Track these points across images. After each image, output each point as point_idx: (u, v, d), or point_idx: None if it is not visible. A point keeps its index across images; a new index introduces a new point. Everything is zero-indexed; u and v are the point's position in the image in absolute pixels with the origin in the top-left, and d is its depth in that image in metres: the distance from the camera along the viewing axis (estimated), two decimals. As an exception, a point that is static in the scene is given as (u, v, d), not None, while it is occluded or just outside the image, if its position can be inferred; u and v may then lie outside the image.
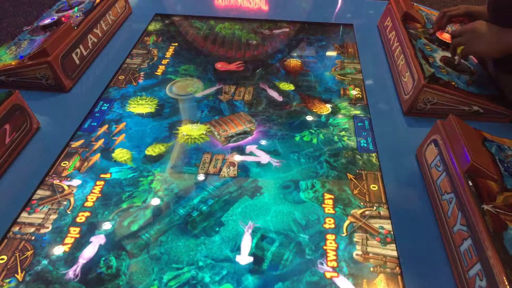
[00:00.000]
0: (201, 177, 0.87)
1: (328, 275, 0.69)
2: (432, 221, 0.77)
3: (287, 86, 1.15)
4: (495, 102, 0.97)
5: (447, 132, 0.79)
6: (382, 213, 0.79)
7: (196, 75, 1.19)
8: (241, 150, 0.93)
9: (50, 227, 0.75)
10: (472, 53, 0.99)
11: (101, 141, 0.95)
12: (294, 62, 1.27)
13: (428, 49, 1.09)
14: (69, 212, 0.78)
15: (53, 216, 0.77)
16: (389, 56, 1.25)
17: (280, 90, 1.13)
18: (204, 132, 0.98)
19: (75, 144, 0.93)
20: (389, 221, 0.78)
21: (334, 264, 0.70)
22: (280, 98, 1.09)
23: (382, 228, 0.77)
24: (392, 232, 0.76)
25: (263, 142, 0.95)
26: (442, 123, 0.82)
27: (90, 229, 0.76)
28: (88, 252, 0.72)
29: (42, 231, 0.75)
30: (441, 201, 0.76)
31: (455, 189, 0.71)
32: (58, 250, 0.72)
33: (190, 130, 0.99)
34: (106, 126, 0.99)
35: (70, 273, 0.69)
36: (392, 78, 1.17)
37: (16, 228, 0.75)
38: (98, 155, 0.91)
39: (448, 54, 1.05)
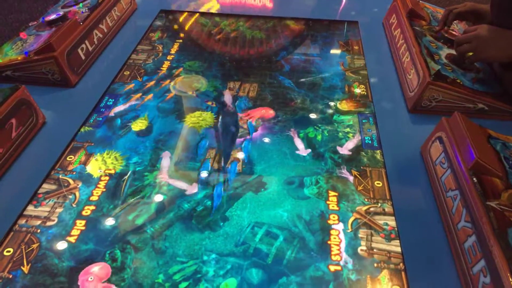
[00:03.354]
0: (206, 172, 0.87)
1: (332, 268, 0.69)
2: (437, 217, 0.77)
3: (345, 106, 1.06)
4: (500, 100, 0.97)
5: (452, 129, 0.79)
6: (386, 209, 0.79)
7: (201, 71, 1.20)
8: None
9: (56, 220, 0.76)
10: (482, 60, 1.00)
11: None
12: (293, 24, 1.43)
13: (433, 47, 1.09)
14: (74, 206, 0.79)
15: (59, 210, 0.78)
16: (394, 53, 1.25)
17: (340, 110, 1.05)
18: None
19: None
20: (393, 217, 0.78)
21: (338, 258, 0.71)
22: (305, 153, 0.92)
23: (387, 224, 0.77)
24: (396, 229, 0.76)
25: (267, 140, 0.95)
26: (447, 120, 0.82)
27: (95, 222, 0.76)
28: (165, 162, 0.88)
29: (48, 223, 0.75)
30: (445, 198, 0.76)
31: (460, 186, 0.71)
32: (64, 243, 0.72)
33: (196, 117, 1.02)
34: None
35: (162, 176, 0.84)
36: (397, 75, 1.17)
37: (22, 221, 0.75)
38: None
39: (454, 52, 1.04)
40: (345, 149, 0.93)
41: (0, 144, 0.82)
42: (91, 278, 0.67)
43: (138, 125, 0.99)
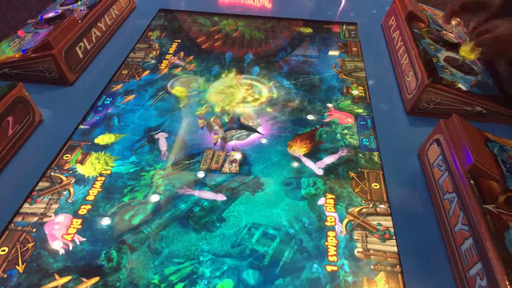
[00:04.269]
0: (202, 172, 0.87)
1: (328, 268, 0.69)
2: (434, 220, 0.77)
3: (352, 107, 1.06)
4: (498, 103, 0.97)
5: (450, 131, 0.79)
6: (378, 210, 0.79)
7: (199, 71, 1.19)
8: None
9: (52, 216, 0.76)
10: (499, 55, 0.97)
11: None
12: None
13: (432, 49, 1.09)
14: (70, 201, 0.79)
15: (54, 206, 0.78)
16: (392, 55, 1.25)
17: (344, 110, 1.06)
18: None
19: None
20: (386, 217, 0.78)
21: (335, 258, 0.71)
22: (320, 172, 0.88)
23: (380, 224, 0.77)
24: (389, 228, 0.76)
25: (264, 141, 0.95)
26: (445, 122, 0.82)
27: (90, 221, 0.76)
28: (163, 142, 0.92)
29: (45, 220, 0.75)
30: (442, 200, 0.76)
31: (457, 188, 0.71)
32: (59, 242, 0.72)
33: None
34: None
35: (162, 154, 0.88)
36: (395, 77, 1.17)
37: (18, 219, 0.75)
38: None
39: (452, 55, 1.04)
40: (323, 163, 0.90)
41: (-4, 142, 0.82)
42: (57, 227, 0.72)
43: (103, 139, 0.94)
